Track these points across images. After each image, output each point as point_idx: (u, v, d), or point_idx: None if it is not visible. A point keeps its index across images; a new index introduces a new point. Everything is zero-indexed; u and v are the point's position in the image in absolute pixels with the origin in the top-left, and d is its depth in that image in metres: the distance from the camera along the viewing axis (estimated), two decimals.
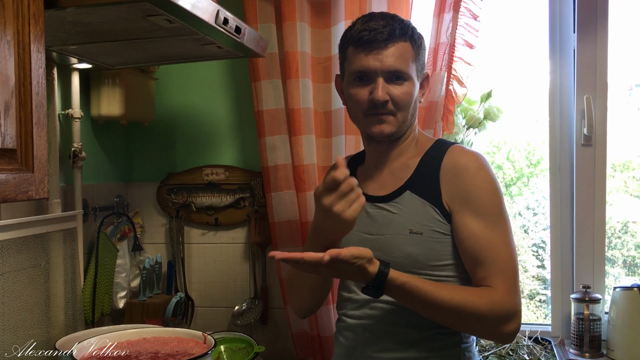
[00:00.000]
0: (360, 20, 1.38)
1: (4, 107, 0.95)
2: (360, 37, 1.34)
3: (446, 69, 1.88)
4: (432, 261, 1.31)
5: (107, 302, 1.99)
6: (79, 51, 1.61)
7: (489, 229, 1.27)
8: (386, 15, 1.38)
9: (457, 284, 1.32)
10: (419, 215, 1.32)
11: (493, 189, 1.31)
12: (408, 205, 1.34)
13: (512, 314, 1.24)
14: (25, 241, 1.61)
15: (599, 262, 2.04)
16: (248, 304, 2.17)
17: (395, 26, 1.34)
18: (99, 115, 1.99)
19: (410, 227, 1.31)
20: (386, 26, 1.33)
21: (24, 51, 1.00)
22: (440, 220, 1.31)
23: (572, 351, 1.97)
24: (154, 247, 2.28)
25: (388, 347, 1.33)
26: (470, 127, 2.11)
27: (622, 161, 2.32)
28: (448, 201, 1.30)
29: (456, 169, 1.32)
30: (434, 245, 1.30)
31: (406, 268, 1.28)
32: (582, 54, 2.02)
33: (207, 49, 1.59)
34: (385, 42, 1.32)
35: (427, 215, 1.31)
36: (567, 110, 2.07)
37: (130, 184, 2.29)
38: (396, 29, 1.33)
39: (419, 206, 1.32)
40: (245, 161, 2.21)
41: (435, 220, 1.31)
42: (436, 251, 1.30)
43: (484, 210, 1.28)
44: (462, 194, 1.29)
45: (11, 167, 0.97)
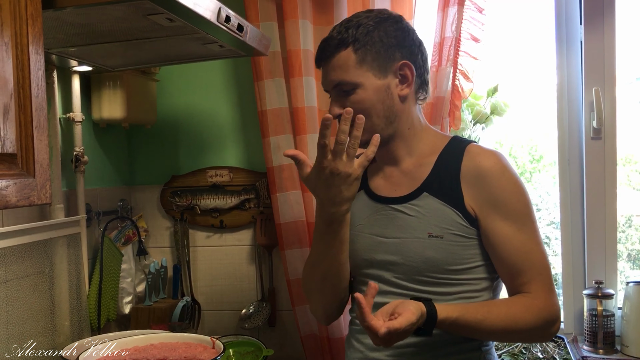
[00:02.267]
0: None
1: (3, 110, 0.92)
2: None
3: (452, 63, 1.85)
4: (451, 265, 1.28)
5: (113, 307, 1.97)
6: (78, 53, 1.58)
7: (521, 232, 1.25)
8: (337, 27, 1.34)
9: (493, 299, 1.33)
10: (438, 219, 1.27)
11: (519, 190, 1.28)
12: (426, 208, 1.29)
13: (556, 315, 1.25)
14: (29, 248, 1.59)
15: (611, 257, 2.01)
16: (255, 306, 2.14)
17: (332, 38, 1.31)
18: (100, 118, 1.97)
19: (429, 231, 1.27)
20: (323, 42, 1.33)
21: (22, 53, 0.97)
22: (463, 224, 1.27)
23: (586, 348, 1.93)
24: (159, 250, 2.25)
25: (405, 352, 1.29)
26: (477, 122, 2.08)
27: (624, 155, 2.29)
28: (473, 205, 1.27)
29: (479, 172, 1.27)
30: (455, 249, 1.27)
31: (424, 272, 1.27)
32: (590, 46, 1.99)
33: (208, 48, 1.56)
34: (324, 60, 1.32)
35: (448, 218, 1.27)
36: (575, 103, 2.04)
37: (133, 188, 2.27)
38: (331, 42, 1.30)
39: (439, 209, 1.28)
40: (249, 162, 2.19)
41: (457, 224, 1.27)
42: (457, 255, 1.27)
43: (514, 213, 1.26)
44: (488, 197, 1.26)
45: (12, 172, 0.95)
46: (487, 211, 1.26)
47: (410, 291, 1.28)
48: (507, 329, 1.22)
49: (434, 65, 1.88)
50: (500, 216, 1.25)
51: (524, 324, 1.22)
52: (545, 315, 1.23)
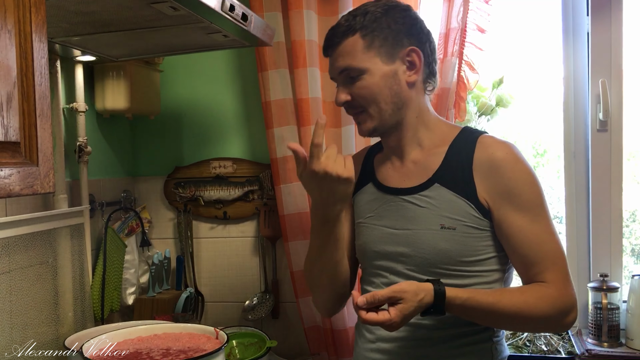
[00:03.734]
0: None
1: (6, 98, 0.92)
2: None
3: (457, 54, 1.84)
4: (464, 257, 1.26)
5: (116, 298, 1.97)
6: (82, 42, 1.58)
7: (535, 223, 1.24)
8: (345, 15, 1.34)
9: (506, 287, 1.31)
10: (450, 210, 1.26)
11: (532, 181, 1.26)
12: (438, 199, 1.27)
13: (572, 305, 1.23)
14: (32, 238, 1.59)
15: (616, 251, 2.00)
16: (259, 298, 2.14)
17: (339, 26, 1.31)
18: (104, 108, 1.96)
19: (441, 223, 1.26)
20: (333, 29, 1.32)
21: (25, 41, 0.96)
22: (476, 216, 1.25)
23: (590, 341, 1.93)
24: (163, 242, 2.25)
25: (418, 343, 1.29)
26: (482, 114, 2.07)
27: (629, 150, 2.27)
28: (486, 197, 1.25)
29: (492, 163, 1.25)
30: (468, 240, 1.26)
31: (436, 264, 1.26)
32: (596, 37, 1.97)
33: (212, 38, 1.55)
34: (331, 47, 1.32)
35: (461, 210, 1.26)
36: (581, 95, 2.03)
37: (137, 179, 2.26)
38: (339, 30, 1.30)
39: (451, 200, 1.26)
40: (253, 153, 2.18)
41: (470, 216, 1.25)
42: (470, 247, 1.26)
43: (527, 204, 1.24)
44: (502, 189, 1.24)
45: (15, 160, 0.94)
46: (501, 202, 1.24)
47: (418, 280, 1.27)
48: (520, 315, 1.20)
49: (440, 57, 1.86)
50: (514, 207, 1.24)
51: (538, 311, 1.20)
52: (559, 305, 1.21)
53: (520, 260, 1.25)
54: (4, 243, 1.48)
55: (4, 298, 1.48)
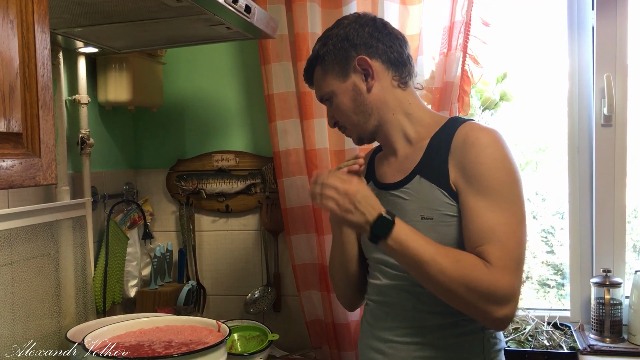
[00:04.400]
0: None
1: (8, 89, 0.91)
2: None
3: (462, 48, 1.83)
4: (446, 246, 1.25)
5: (118, 291, 1.97)
6: (84, 34, 1.57)
7: (489, 209, 1.17)
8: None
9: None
10: (428, 201, 1.26)
11: (501, 166, 1.20)
12: (418, 191, 1.29)
13: (505, 295, 1.13)
14: (34, 229, 1.58)
15: (619, 246, 1.99)
16: (261, 291, 2.14)
17: (308, 60, 1.42)
18: (106, 100, 1.96)
19: (421, 214, 1.27)
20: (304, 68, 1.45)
21: (27, 31, 0.96)
22: (449, 203, 1.24)
23: (593, 336, 1.92)
24: (165, 234, 2.25)
25: (410, 332, 1.31)
26: (485, 108, 2.06)
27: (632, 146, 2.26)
28: (454, 180, 1.23)
29: (464, 145, 1.23)
30: (445, 229, 1.24)
31: None
32: (602, 32, 1.96)
33: (216, 30, 1.54)
34: (309, 82, 1.45)
35: (436, 199, 1.25)
36: (585, 89, 2.02)
37: (139, 171, 2.26)
38: (307, 67, 1.42)
39: (428, 190, 1.27)
40: (255, 146, 2.17)
41: (444, 204, 1.24)
42: (449, 235, 1.24)
43: (487, 189, 1.18)
44: (465, 170, 1.22)
45: (17, 151, 0.94)
46: (463, 185, 1.21)
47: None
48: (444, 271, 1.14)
49: (444, 50, 1.86)
50: (474, 190, 1.19)
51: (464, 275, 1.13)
52: (487, 286, 1.13)
53: (470, 241, 1.19)
54: (6, 235, 1.48)
55: (6, 290, 1.48)
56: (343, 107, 1.36)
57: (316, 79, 1.40)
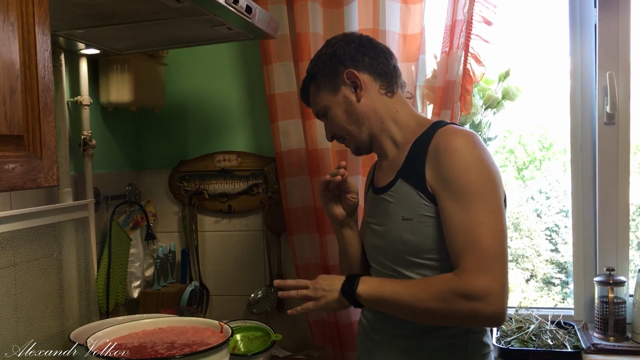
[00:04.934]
0: None
1: (9, 91, 0.91)
2: None
3: (463, 47, 1.82)
4: (425, 245, 1.30)
5: (122, 291, 1.97)
6: (86, 35, 1.57)
7: (463, 211, 1.21)
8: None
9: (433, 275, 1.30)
10: (408, 202, 1.33)
11: (469, 167, 1.23)
12: (400, 193, 1.36)
13: (485, 292, 1.16)
14: (37, 231, 1.59)
15: (623, 245, 1.98)
16: (264, 291, 2.14)
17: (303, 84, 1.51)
18: (108, 102, 1.96)
19: (402, 214, 1.34)
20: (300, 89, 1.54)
21: (28, 33, 0.96)
22: (426, 204, 1.30)
23: (596, 335, 1.92)
24: (167, 235, 2.25)
25: (402, 334, 1.38)
26: (488, 107, 2.05)
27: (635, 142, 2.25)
28: (431, 183, 1.29)
29: (437, 149, 1.29)
30: (425, 229, 1.30)
31: (404, 255, 1.33)
32: (604, 30, 1.95)
33: (217, 30, 1.54)
34: (305, 101, 1.54)
35: (415, 200, 1.32)
36: (588, 88, 2.01)
37: (141, 172, 2.26)
38: (302, 87, 1.52)
39: (408, 193, 1.33)
40: (257, 147, 2.17)
41: (422, 205, 1.30)
42: (428, 235, 1.30)
43: (461, 191, 1.22)
44: (440, 176, 1.27)
45: (18, 154, 0.94)
46: (439, 189, 1.27)
47: (400, 274, 1.35)
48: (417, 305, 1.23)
49: (445, 49, 1.85)
50: (448, 194, 1.24)
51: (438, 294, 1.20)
52: (460, 288, 1.17)
53: (448, 244, 1.24)
54: (9, 236, 1.48)
55: (9, 291, 1.49)
56: (337, 119, 1.44)
57: (311, 96, 1.49)
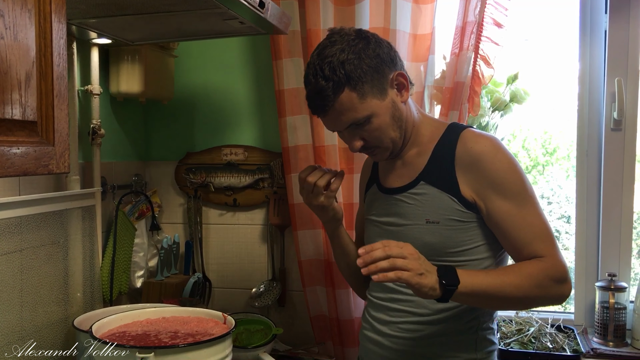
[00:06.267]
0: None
1: (25, 77, 0.92)
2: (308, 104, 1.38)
3: (473, 48, 1.83)
4: (449, 248, 1.34)
5: (125, 281, 1.98)
6: (99, 25, 1.58)
7: (521, 208, 1.28)
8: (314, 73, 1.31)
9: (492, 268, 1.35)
10: (435, 205, 1.34)
11: (513, 168, 1.31)
12: (424, 195, 1.36)
13: (565, 274, 1.26)
14: (44, 217, 1.60)
15: (625, 251, 1.99)
16: (266, 285, 2.15)
17: (324, 89, 1.28)
18: (118, 92, 1.97)
19: (427, 217, 1.34)
20: (316, 93, 1.31)
21: (44, 21, 0.97)
22: (460, 209, 1.32)
23: (596, 340, 1.93)
24: (172, 226, 2.26)
25: (408, 328, 1.38)
26: (495, 109, 2.05)
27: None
28: (470, 190, 1.31)
29: (472, 157, 1.31)
30: (451, 233, 1.32)
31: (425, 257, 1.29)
32: (614, 36, 1.95)
33: (229, 24, 1.55)
34: (324, 109, 1.32)
35: (444, 204, 1.33)
36: (596, 93, 2.01)
37: (148, 163, 2.27)
38: (326, 92, 1.28)
39: (435, 196, 1.34)
40: (265, 141, 2.18)
41: (453, 210, 1.32)
42: (454, 238, 1.32)
43: (512, 191, 1.29)
44: (485, 181, 1.30)
45: (31, 139, 0.95)
46: (486, 193, 1.30)
47: None
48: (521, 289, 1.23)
49: (455, 50, 1.86)
50: (500, 196, 1.29)
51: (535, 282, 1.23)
52: (553, 273, 1.25)
53: (512, 244, 1.30)
54: (16, 222, 1.50)
55: (15, 277, 1.50)
56: (384, 126, 1.33)
57: (345, 105, 1.30)
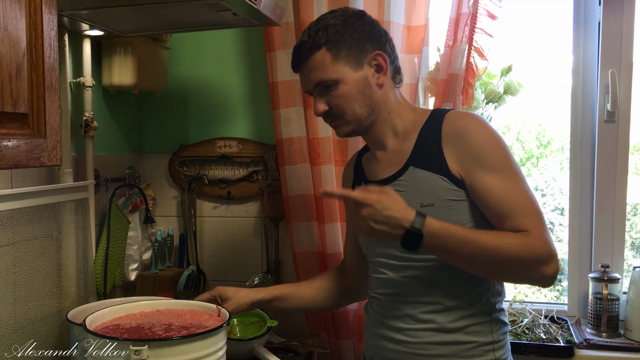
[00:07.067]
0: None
1: (15, 69, 0.91)
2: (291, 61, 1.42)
3: (467, 40, 1.82)
4: None
5: (119, 274, 1.98)
6: (90, 16, 1.57)
7: (504, 180, 1.27)
8: (304, 32, 1.38)
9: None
10: (427, 188, 1.32)
11: (497, 143, 1.30)
12: (414, 180, 1.34)
13: (549, 255, 1.22)
14: (37, 211, 1.59)
15: (619, 243, 2.00)
16: (260, 278, 2.15)
17: (304, 43, 1.36)
18: (110, 84, 1.96)
19: (421, 201, 1.32)
20: (296, 48, 1.38)
21: (35, 12, 0.96)
22: (451, 188, 1.30)
23: (589, 331, 1.94)
24: (166, 219, 2.26)
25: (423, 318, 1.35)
26: (489, 101, 2.05)
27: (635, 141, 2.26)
28: (457, 166, 1.30)
29: (457, 132, 1.31)
30: (447, 214, 1.30)
31: None
32: (608, 27, 1.95)
33: (222, 15, 1.54)
34: (299, 64, 1.38)
35: (436, 185, 1.31)
36: (589, 85, 2.02)
37: (141, 155, 2.26)
38: (304, 46, 1.36)
39: (426, 178, 1.32)
40: (259, 134, 2.18)
41: (446, 189, 1.31)
42: (450, 220, 1.28)
43: (495, 164, 1.28)
44: (469, 155, 1.29)
45: (23, 132, 0.94)
46: (470, 168, 1.29)
47: (418, 262, 1.34)
48: (496, 252, 1.20)
49: (449, 42, 1.85)
50: (483, 169, 1.28)
51: (513, 252, 1.20)
52: (536, 250, 1.21)
53: (496, 217, 1.27)
54: (8, 215, 1.49)
55: (8, 270, 1.49)
56: (349, 96, 1.35)
57: (317, 63, 1.35)
